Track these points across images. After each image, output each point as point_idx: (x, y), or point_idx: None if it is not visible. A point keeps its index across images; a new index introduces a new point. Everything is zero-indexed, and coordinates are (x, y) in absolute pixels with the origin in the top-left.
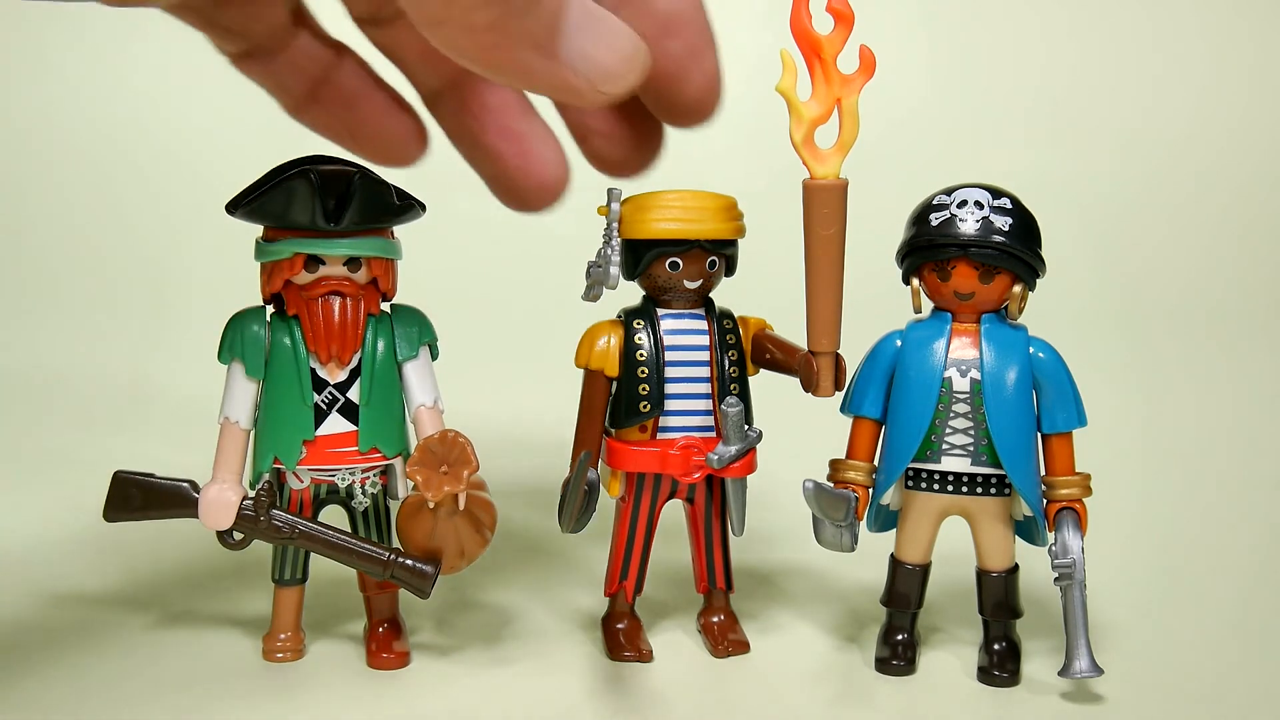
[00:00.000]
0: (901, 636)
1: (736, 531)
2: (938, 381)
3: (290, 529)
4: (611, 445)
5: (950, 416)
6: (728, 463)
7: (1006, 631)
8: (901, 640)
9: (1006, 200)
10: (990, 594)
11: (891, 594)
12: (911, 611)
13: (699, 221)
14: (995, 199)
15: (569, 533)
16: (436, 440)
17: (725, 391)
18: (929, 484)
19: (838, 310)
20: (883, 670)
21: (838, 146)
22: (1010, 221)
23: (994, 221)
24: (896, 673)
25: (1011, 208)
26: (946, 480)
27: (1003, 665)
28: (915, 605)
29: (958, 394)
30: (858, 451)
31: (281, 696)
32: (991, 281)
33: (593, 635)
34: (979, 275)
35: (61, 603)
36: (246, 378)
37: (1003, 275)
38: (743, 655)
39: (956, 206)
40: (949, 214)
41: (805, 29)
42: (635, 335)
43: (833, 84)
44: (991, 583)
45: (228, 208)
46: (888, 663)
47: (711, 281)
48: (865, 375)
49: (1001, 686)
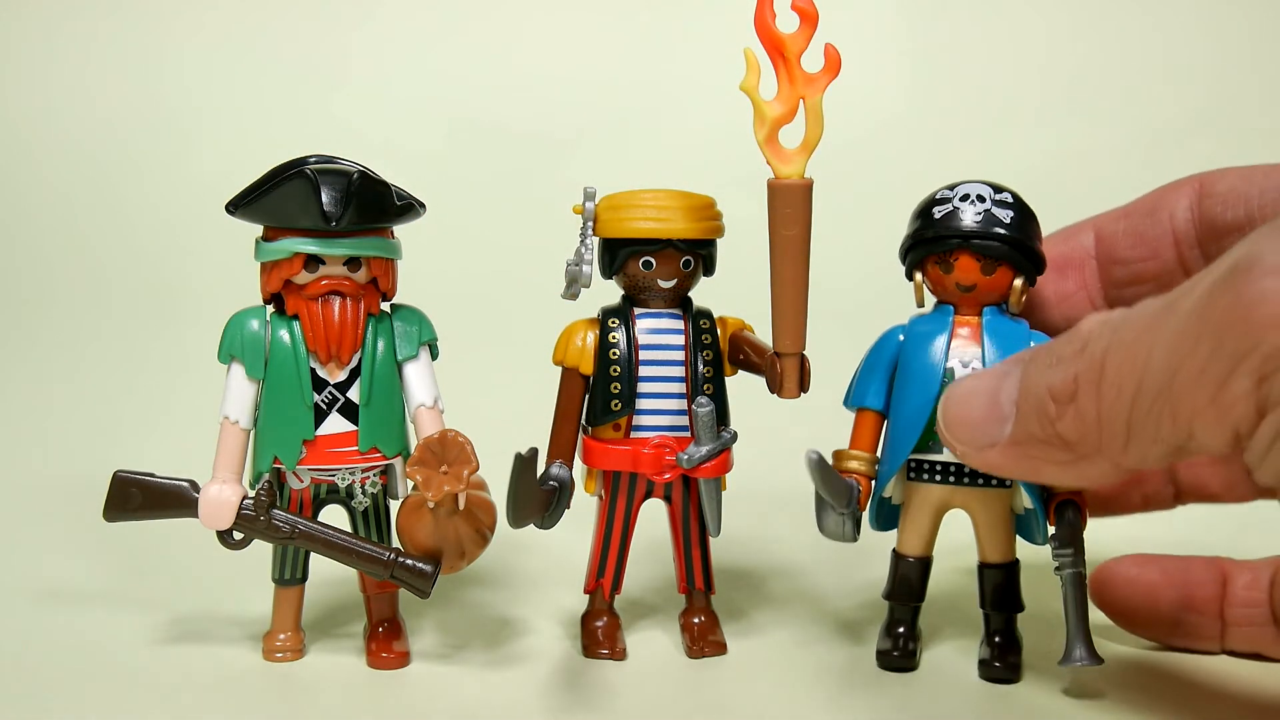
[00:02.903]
0: (902, 630)
1: (712, 532)
2: (940, 374)
3: (290, 529)
4: (587, 443)
5: None
6: (698, 463)
7: (1008, 625)
8: (902, 634)
9: (1008, 195)
10: (991, 587)
11: (893, 587)
12: (912, 605)
13: (672, 221)
14: (997, 193)
15: (517, 528)
16: (436, 440)
17: (698, 391)
18: (930, 475)
19: (802, 311)
20: (883, 663)
21: (802, 146)
22: (1011, 215)
23: (996, 214)
24: (896, 666)
25: (1013, 202)
26: (948, 471)
27: (1003, 658)
28: (916, 599)
29: None
30: (860, 442)
31: (281, 696)
32: (993, 274)
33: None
34: (981, 267)
35: (62, 603)
36: (246, 378)
37: (1004, 268)
38: (719, 656)
39: (959, 200)
40: (952, 207)
41: (769, 28)
42: (610, 333)
43: (796, 83)
44: (992, 576)
45: (228, 207)
46: (888, 655)
47: (688, 281)
48: (869, 367)
49: (1001, 680)
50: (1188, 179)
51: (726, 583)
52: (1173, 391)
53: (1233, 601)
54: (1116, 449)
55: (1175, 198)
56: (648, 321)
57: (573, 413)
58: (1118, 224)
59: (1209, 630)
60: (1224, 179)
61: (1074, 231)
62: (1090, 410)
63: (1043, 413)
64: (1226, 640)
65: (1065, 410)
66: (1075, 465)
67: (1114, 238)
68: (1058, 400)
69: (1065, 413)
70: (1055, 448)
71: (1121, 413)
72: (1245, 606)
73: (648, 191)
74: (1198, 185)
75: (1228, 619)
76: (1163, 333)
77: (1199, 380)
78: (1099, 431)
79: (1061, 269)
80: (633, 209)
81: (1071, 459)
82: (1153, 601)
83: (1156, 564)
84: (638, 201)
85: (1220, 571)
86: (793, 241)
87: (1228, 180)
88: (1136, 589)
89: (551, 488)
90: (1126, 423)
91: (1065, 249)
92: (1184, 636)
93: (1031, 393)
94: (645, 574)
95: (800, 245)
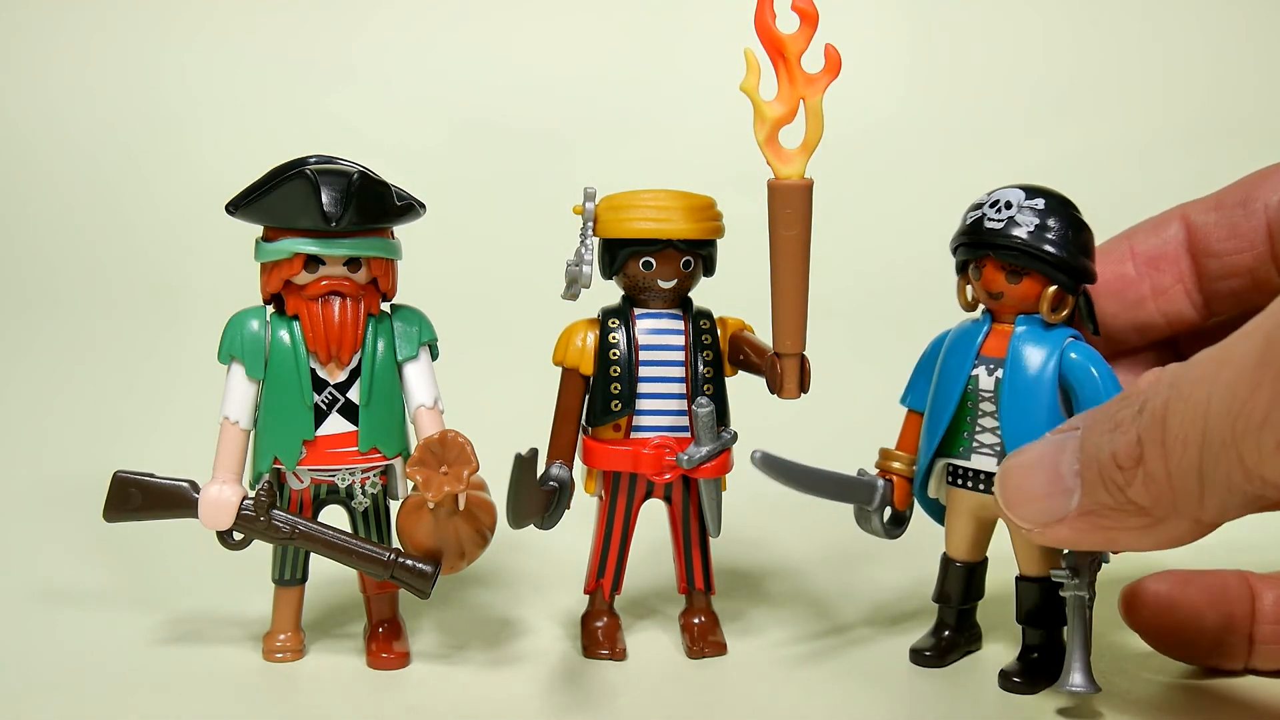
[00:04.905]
0: (946, 633)
1: (712, 533)
2: (964, 377)
3: (290, 529)
4: (587, 443)
5: (979, 415)
6: (698, 463)
7: (1045, 642)
8: (944, 636)
9: (1040, 200)
10: (1023, 601)
11: (938, 590)
12: (954, 608)
13: (671, 221)
14: (1029, 199)
15: (517, 528)
16: (436, 440)
17: (698, 392)
18: (963, 481)
19: (803, 312)
20: (912, 659)
21: (802, 147)
22: (1037, 222)
23: (1018, 221)
24: (920, 662)
25: (1043, 208)
26: (979, 479)
27: (1027, 674)
28: (956, 602)
29: (983, 392)
30: (902, 443)
31: (281, 696)
32: (1020, 282)
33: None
34: (1005, 275)
35: (61, 603)
36: (246, 378)
37: (1033, 276)
38: (719, 656)
39: (989, 206)
40: (981, 213)
41: (769, 28)
42: (610, 334)
43: (796, 83)
44: (1025, 589)
45: (228, 208)
46: (920, 653)
47: (688, 281)
48: (918, 369)
49: (1017, 692)
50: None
51: (726, 583)
52: (1236, 439)
53: (1262, 619)
54: (1193, 505)
55: (1269, 188)
56: (648, 322)
57: (573, 413)
58: (1209, 215)
59: (1240, 650)
60: None
61: (1162, 223)
62: (1159, 470)
63: (1110, 480)
64: (1252, 659)
65: (1134, 475)
66: (1154, 529)
67: (1206, 229)
68: (1123, 466)
69: (1134, 477)
70: (1130, 514)
71: (1192, 468)
72: (1274, 624)
73: (648, 192)
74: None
75: (1255, 637)
76: (1220, 381)
77: (1264, 428)
78: (1172, 491)
79: (1155, 263)
80: (633, 209)
81: (1149, 523)
82: (1196, 624)
83: (1195, 583)
84: (638, 202)
85: (1249, 588)
86: (793, 242)
87: None
88: (1178, 612)
89: (551, 488)
90: (1199, 477)
91: (1157, 242)
92: (1217, 656)
93: (1095, 460)
94: (645, 574)
95: (800, 246)
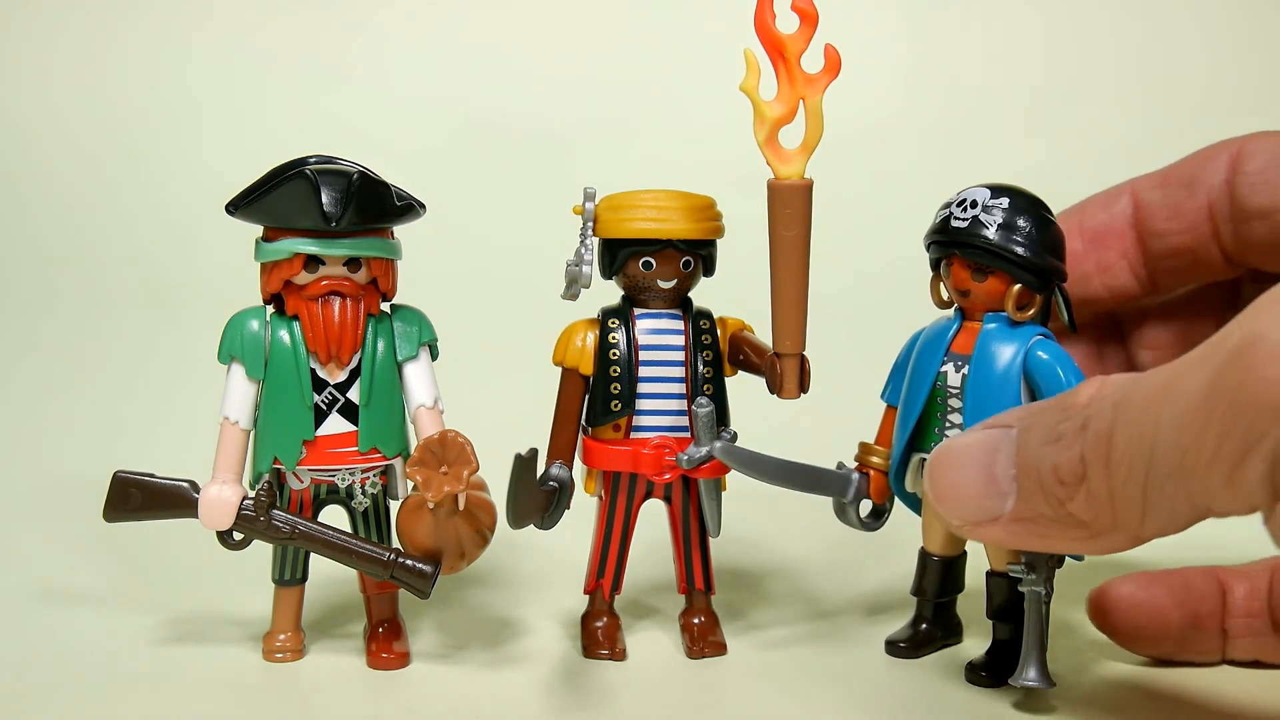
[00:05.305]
0: (923, 626)
1: (712, 533)
2: (932, 374)
3: (290, 529)
4: (587, 443)
5: (948, 411)
6: (698, 463)
7: (1012, 637)
8: (920, 629)
9: (1005, 199)
10: (993, 596)
11: (916, 583)
12: (930, 601)
13: (671, 221)
14: (994, 198)
15: (517, 529)
16: (436, 440)
17: (698, 392)
18: None
19: (802, 312)
20: (888, 650)
21: (802, 147)
22: (1000, 221)
23: (982, 220)
24: (898, 654)
25: (1008, 206)
26: None
27: (992, 669)
28: (932, 595)
29: (951, 388)
30: (881, 437)
31: (281, 696)
32: (985, 280)
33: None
34: (971, 273)
35: (62, 603)
36: (246, 378)
37: (998, 275)
38: (719, 656)
39: (956, 205)
40: (949, 212)
41: (769, 28)
42: (610, 334)
43: (796, 84)
44: (995, 584)
45: (228, 208)
46: (895, 644)
47: (688, 281)
48: (896, 366)
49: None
50: (1225, 145)
51: (726, 583)
52: (1184, 472)
53: (1233, 613)
54: (1134, 524)
55: (1213, 169)
56: (648, 322)
57: (573, 413)
58: (1154, 193)
59: (1211, 644)
60: (1256, 156)
61: (1112, 198)
62: (1102, 490)
63: (1050, 493)
64: (1228, 651)
65: (1075, 490)
66: (1093, 540)
67: (1150, 208)
68: (1065, 482)
69: (1076, 493)
70: (1068, 526)
71: (1135, 491)
72: (1246, 617)
73: (647, 192)
74: (1235, 156)
75: (1229, 630)
76: (1168, 412)
77: (1212, 465)
78: (1114, 510)
79: (1101, 239)
80: (633, 209)
81: (1087, 535)
82: (1161, 623)
83: (1160, 583)
84: (637, 202)
85: (1218, 583)
86: (793, 242)
87: (1259, 158)
88: (1143, 611)
89: (551, 488)
90: (1142, 500)
91: (1105, 218)
92: (1187, 651)
93: (1034, 470)
94: (645, 574)
95: (800, 246)
